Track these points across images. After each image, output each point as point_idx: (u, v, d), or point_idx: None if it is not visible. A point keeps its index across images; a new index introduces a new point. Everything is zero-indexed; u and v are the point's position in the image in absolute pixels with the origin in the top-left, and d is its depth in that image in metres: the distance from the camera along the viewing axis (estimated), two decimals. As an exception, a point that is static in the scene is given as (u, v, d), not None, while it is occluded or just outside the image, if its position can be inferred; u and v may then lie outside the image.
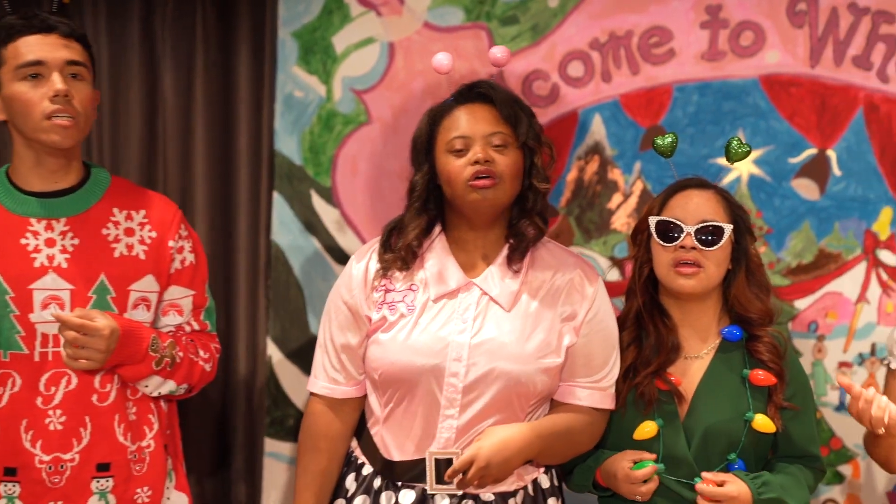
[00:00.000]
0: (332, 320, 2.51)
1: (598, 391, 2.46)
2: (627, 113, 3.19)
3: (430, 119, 2.48)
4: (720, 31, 3.12)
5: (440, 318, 2.41)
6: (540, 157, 2.46)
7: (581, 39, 3.20)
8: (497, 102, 2.44)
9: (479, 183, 2.37)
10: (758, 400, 2.46)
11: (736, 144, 2.56)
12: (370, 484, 2.42)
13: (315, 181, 3.30)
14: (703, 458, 2.44)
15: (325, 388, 2.51)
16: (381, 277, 2.47)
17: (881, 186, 3.06)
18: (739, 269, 2.52)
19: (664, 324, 2.51)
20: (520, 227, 2.45)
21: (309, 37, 3.27)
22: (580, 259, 2.56)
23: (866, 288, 3.09)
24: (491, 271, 2.44)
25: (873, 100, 3.05)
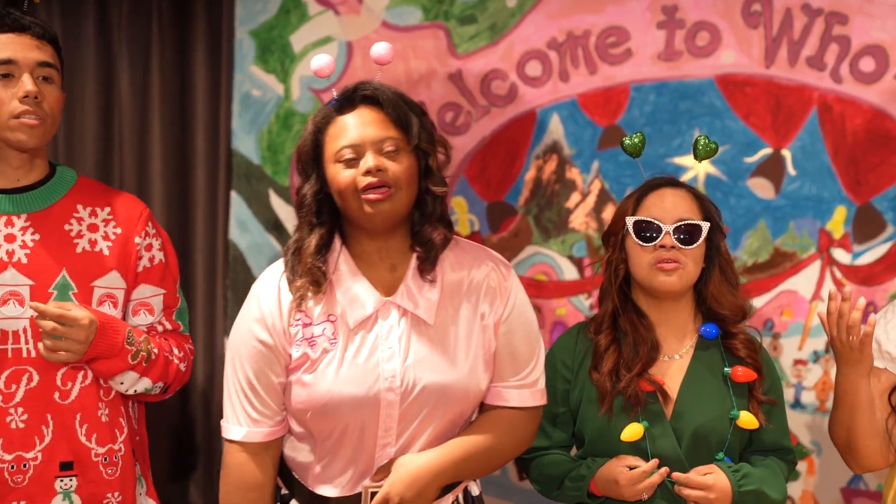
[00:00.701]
0: (246, 361, 2.30)
1: (526, 389, 2.37)
2: (585, 112, 3.20)
3: (314, 127, 2.28)
4: (676, 32, 3.14)
5: (365, 348, 2.26)
6: (435, 159, 2.29)
7: (539, 39, 3.20)
8: (384, 104, 2.24)
9: (372, 197, 2.20)
10: (739, 396, 2.48)
11: (703, 142, 2.56)
12: None
13: (273, 180, 3.29)
14: (694, 457, 2.44)
15: (248, 434, 2.30)
16: (296, 310, 2.28)
17: (835, 186, 3.09)
18: (713, 266, 2.52)
19: (642, 323, 2.51)
20: (424, 234, 2.30)
21: (266, 36, 3.26)
22: (490, 253, 2.42)
23: (821, 286, 3.12)
24: (406, 286, 2.29)
25: (827, 100, 3.08)
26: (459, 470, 2.29)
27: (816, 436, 3.09)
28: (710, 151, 2.55)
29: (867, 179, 3.07)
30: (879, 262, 3.09)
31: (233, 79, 3.27)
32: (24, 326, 2.35)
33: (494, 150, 3.23)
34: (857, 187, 3.08)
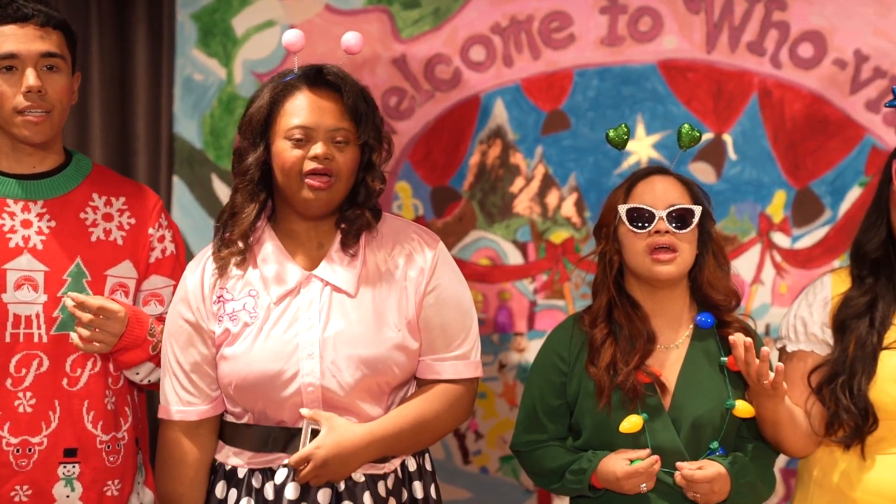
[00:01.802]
0: (174, 342, 2.34)
1: (460, 361, 2.37)
2: (529, 97, 3.22)
3: (271, 95, 2.29)
4: (619, 17, 3.16)
5: (285, 320, 2.28)
6: (379, 155, 2.32)
7: (483, 24, 3.21)
8: (345, 94, 2.27)
9: (315, 183, 2.24)
10: (735, 386, 2.49)
11: (687, 129, 2.57)
12: (250, 484, 2.35)
13: (216, 165, 3.27)
14: (694, 447, 2.46)
15: (180, 413, 2.33)
16: (218, 286, 2.32)
17: (775, 170, 3.13)
18: (707, 252, 2.52)
19: (637, 314, 2.50)
20: (350, 213, 2.33)
21: (208, 19, 3.23)
22: (417, 227, 2.44)
23: (761, 270, 3.16)
24: (329, 259, 2.32)
25: (767, 85, 3.12)
26: (390, 444, 2.29)
27: (756, 417, 3.13)
28: (696, 139, 2.55)
29: (806, 164, 3.11)
30: (818, 246, 3.14)
31: (174, 63, 3.24)
32: (37, 312, 2.35)
33: (438, 135, 3.23)
34: (796, 172, 3.12)
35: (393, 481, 2.33)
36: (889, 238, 2.47)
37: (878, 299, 2.45)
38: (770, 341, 3.15)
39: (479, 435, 3.23)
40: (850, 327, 2.45)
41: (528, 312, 3.23)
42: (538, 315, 3.22)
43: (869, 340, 2.41)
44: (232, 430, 2.37)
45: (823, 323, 2.50)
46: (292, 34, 2.37)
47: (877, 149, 3.09)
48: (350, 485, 2.28)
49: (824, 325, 2.50)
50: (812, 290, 2.57)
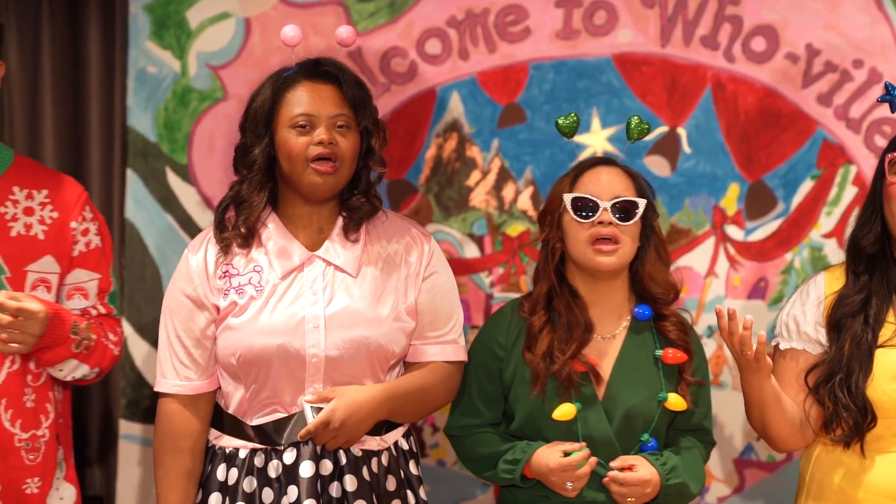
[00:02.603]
0: (174, 317, 2.47)
1: (448, 345, 2.52)
2: (485, 90, 3.22)
3: (273, 89, 2.46)
4: (574, 10, 3.17)
5: (290, 295, 2.42)
6: (378, 140, 2.49)
7: (438, 17, 3.21)
8: (343, 83, 2.45)
9: (322, 168, 2.39)
10: (669, 379, 2.51)
11: (636, 122, 2.59)
12: (251, 464, 2.41)
13: (170, 158, 3.25)
14: (625, 438, 2.47)
15: (177, 387, 2.46)
16: (222, 263, 2.45)
17: (728, 163, 3.15)
18: (649, 245, 2.55)
19: (576, 304, 2.53)
20: (353, 202, 2.49)
21: (162, 11, 3.20)
22: (412, 221, 2.63)
23: (715, 262, 3.18)
24: (331, 241, 2.47)
25: (720, 79, 3.14)
26: (397, 406, 2.43)
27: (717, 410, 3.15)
28: (644, 131, 2.58)
29: (759, 157, 3.14)
30: (771, 238, 3.16)
31: (127, 55, 3.21)
32: None
33: (395, 128, 3.22)
34: (749, 165, 3.15)
35: (388, 458, 2.42)
36: (884, 233, 2.50)
37: (871, 296, 2.47)
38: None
39: (435, 428, 3.23)
40: (846, 325, 2.46)
41: (485, 305, 3.24)
42: (495, 308, 3.22)
43: (864, 338, 2.43)
44: (237, 426, 2.44)
45: (817, 322, 2.52)
46: (289, 29, 2.52)
47: (828, 142, 3.12)
48: (351, 459, 2.39)
49: (817, 324, 2.52)
50: (806, 289, 2.59)
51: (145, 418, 3.21)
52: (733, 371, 3.13)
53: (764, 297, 3.15)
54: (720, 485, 3.18)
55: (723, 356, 3.16)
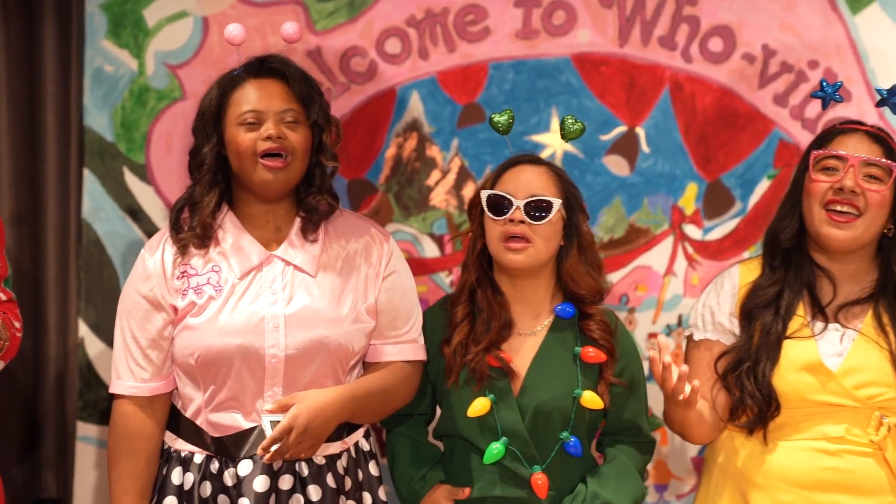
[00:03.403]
0: (130, 317, 2.46)
1: (407, 344, 2.52)
2: (444, 90, 3.22)
3: (220, 89, 2.46)
4: (533, 10, 3.18)
5: (250, 294, 2.41)
6: (329, 135, 2.48)
7: (398, 16, 3.20)
8: (290, 79, 2.45)
9: (272, 164, 2.39)
10: (588, 377, 2.52)
11: (570, 122, 2.61)
12: (207, 469, 2.39)
13: (128, 158, 3.22)
14: (539, 434, 2.49)
15: (133, 388, 2.45)
16: (179, 264, 2.44)
17: (686, 163, 3.17)
18: (572, 245, 2.57)
19: (497, 299, 2.55)
20: (309, 202, 2.48)
21: (118, 9, 3.18)
22: (371, 221, 2.62)
23: (673, 261, 3.20)
24: (289, 241, 2.46)
25: (678, 79, 3.16)
26: (359, 407, 2.42)
27: (669, 407, 3.17)
28: (578, 132, 2.60)
29: (716, 157, 3.16)
30: (728, 238, 3.19)
31: (83, 54, 3.18)
32: None
33: (354, 128, 3.22)
34: (707, 164, 3.17)
35: (347, 460, 2.41)
36: (801, 229, 2.53)
37: (784, 289, 2.50)
38: (683, 332, 3.20)
39: (396, 428, 3.23)
40: (757, 315, 2.50)
41: (445, 305, 3.24)
42: (455, 308, 3.24)
43: (774, 329, 2.47)
44: (192, 431, 2.42)
45: (731, 312, 2.55)
46: (233, 27, 2.51)
47: (784, 142, 3.15)
48: (314, 470, 2.37)
49: (731, 314, 2.55)
50: (720, 281, 2.62)
51: (102, 420, 3.18)
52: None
53: (721, 295, 3.17)
54: (679, 482, 3.20)
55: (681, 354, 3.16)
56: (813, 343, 2.45)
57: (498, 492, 2.48)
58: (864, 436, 2.42)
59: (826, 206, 2.45)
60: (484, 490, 2.49)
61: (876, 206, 2.44)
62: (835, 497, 2.41)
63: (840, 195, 2.44)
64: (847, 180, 2.43)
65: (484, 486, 2.49)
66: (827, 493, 2.41)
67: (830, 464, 2.42)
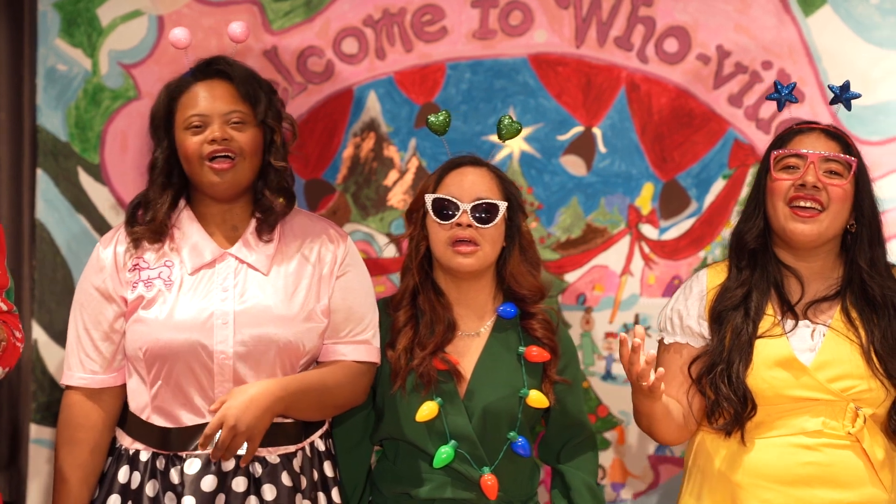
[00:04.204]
0: (83, 309, 2.47)
1: (361, 345, 2.50)
2: (402, 90, 3.22)
3: (167, 95, 2.47)
4: (490, 11, 3.18)
5: (201, 290, 2.41)
6: (280, 135, 2.48)
7: (355, 16, 3.20)
8: (235, 80, 2.45)
9: (217, 165, 2.39)
10: (532, 376, 2.53)
11: (507, 122, 2.62)
12: (154, 467, 2.38)
13: (82, 158, 3.20)
14: (487, 435, 2.49)
15: (82, 380, 2.46)
16: (132, 256, 2.45)
17: (643, 163, 3.19)
18: (513, 246, 2.57)
19: (440, 302, 2.55)
20: (265, 202, 2.47)
21: (72, 8, 3.15)
22: (328, 221, 2.61)
23: (630, 261, 3.22)
24: (244, 240, 2.46)
25: (634, 79, 3.18)
26: (295, 401, 2.39)
27: (626, 406, 3.17)
28: (515, 131, 2.61)
29: (672, 157, 3.18)
30: (684, 237, 3.21)
31: (36, 53, 3.15)
32: None
33: (312, 128, 3.21)
34: (663, 164, 3.19)
35: (302, 459, 2.40)
36: (766, 229, 2.56)
37: (752, 290, 2.52)
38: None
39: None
40: (727, 318, 2.52)
41: (403, 305, 3.23)
42: (412, 308, 3.24)
43: (745, 330, 2.49)
44: (138, 425, 2.41)
45: (699, 316, 2.57)
46: (179, 31, 2.50)
47: (739, 142, 3.17)
48: (268, 469, 2.36)
49: (700, 317, 2.56)
50: (689, 285, 2.64)
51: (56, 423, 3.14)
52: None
53: (678, 295, 3.19)
54: (636, 481, 3.22)
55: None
56: (785, 340, 2.48)
57: (448, 494, 2.47)
58: (841, 428, 2.44)
59: (790, 202, 2.49)
60: (435, 493, 2.48)
61: (838, 200, 2.48)
62: (815, 491, 2.43)
63: (802, 191, 2.47)
64: (808, 176, 2.47)
65: (433, 489, 2.49)
66: (808, 487, 2.43)
67: (810, 458, 2.44)
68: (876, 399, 2.46)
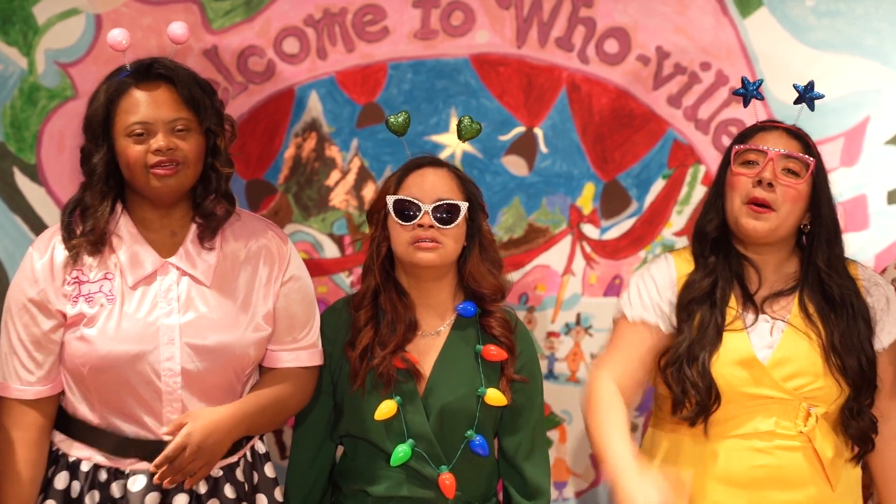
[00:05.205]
0: (17, 320, 2.39)
1: (303, 351, 2.50)
2: (343, 90, 3.21)
3: (106, 96, 2.39)
4: (432, 11, 3.18)
5: (144, 304, 2.37)
6: (223, 139, 2.44)
7: (296, 15, 3.18)
8: (178, 84, 2.38)
9: (161, 171, 2.34)
10: (490, 375, 2.54)
11: (467, 122, 2.63)
12: (94, 478, 2.34)
13: (18, 158, 3.14)
14: (445, 434, 2.50)
15: (18, 391, 2.40)
16: (71, 268, 2.38)
17: (584, 163, 3.21)
18: (474, 245, 2.58)
19: (402, 301, 2.55)
20: (206, 206, 2.44)
21: (6, 6, 3.10)
22: (270, 224, 2.58)
23: (571, 260, 3.24)
24: (185, 249, 2.42)
25: (575, 80, 3.19)
26: (254, 422, 2.41)
27: (568, 405, 3.21)
28: (475, 132, 2.62)
29: (613, 157, 3.21)
30: (625, 237, 3.23)
31: (-29, 51, 3.10)
32: None
33: (253, 128, 3.19)
34: (604, 165, 3.21)
35: (244, 465, 2.38)
36: (725, 223, 2.60)
37: (718, 279, 2.56)
38: (581, 330, 3.23)
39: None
40: (695, 309, 2.54)
41: (345, 306, 3.22)
42: (355, 308, 3.22)
43: (714, 320, 2.51)
44: (83, 429, 2.34)
45: (670, 301, 2.59)
46: (116, 32, 2.44)
47: (678, 143, 3.20)
48: (211, 483, 2.31)
49: (671, 302, 2.58)
50: (656, 268, 2.65)
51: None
52: (590, 367, 3.19)
53: (619, 294, 3.21)
54: (578, 479, 3.24)
55: (579, 353, 3.22)
56: (745, 336, 2.51)
57: (404, 492, 2.48)
58: (793, 427, 2.47)
59: (746, 198, 2.53)
60: (391, 491, 2.49)
61: (791, 199, 2.53)
62: (766, 493, 2.47)
63: (759, 187, 2.51)
64: (766, 172, 2.52)
65: (391, 487, 2.49)
66: (758, 489, 2.47)
67: (762, 461, 2.47)
68: (828, 397, 2.50)
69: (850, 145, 3.20)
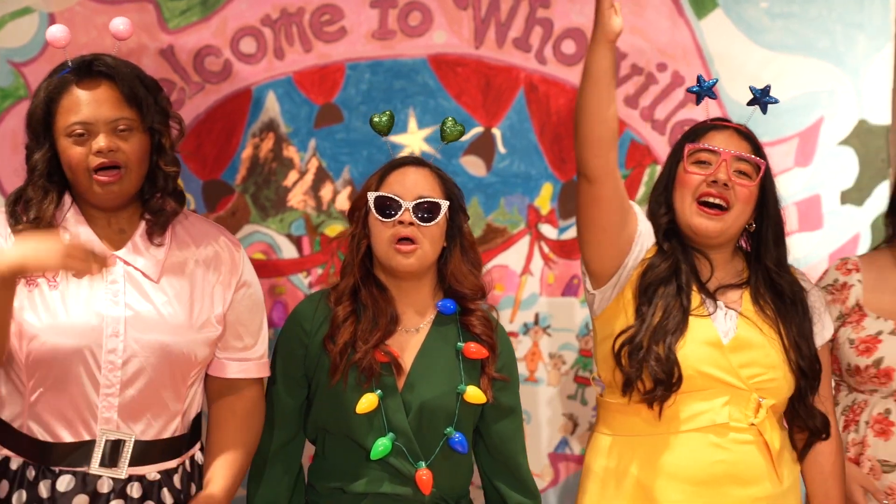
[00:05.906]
0: None
1: (252, 362, 2.47)
2: (301, 90, 3.20)
3: (46, 95, 2.30)
4: (389, 11, 3.18)
5: (89, 296, 2.29)
6: (168, 137, 2.36)
7: (253, 15, 3.17)
8: (119, 82, 2.29)
9: (104, 178, 2.26)
10: (471, 372, 2.54)
11: (451, 124, 2.62)
12: (22, 476, 2.29)
13: (-29, 159, 3.11)
14: (423, 430, 2.49)
15: None
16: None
17: (542, 163, 3.22)
18: (455, 245, 2.58)
19: (382, 296, 2.54)
20: (154, 204, 2.38)
21: (-42, 5, 3.07)
22: (221, 228, 2.54)
23: (530, 260, 3.25)
24: (133, 243, 2.35)
25: (532, 80, 3.21)
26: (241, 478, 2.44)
27: (526, 404, 3.18)
28: (458, 133, 2.62)
29: (571, 157, 3.20)
30: (583, 237, 3.24)
31: (-78, 50, 3.06)
32: None
33: (210, 128, 3.18)
34: (562, 165, 3.22)
35: (182, 474, 2.34)
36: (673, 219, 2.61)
37: (680, 262, 2.57)
38: (539, 330, 3.24)
39: (254, 432, 3.19)
40: (656, 292, 2.54)
41: (303, 307, 3.21)
42: (313, 309, 3.22)
43: (680, 303, 2.52)
44: (10, 434, 2.28)
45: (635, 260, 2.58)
46: (56, 29, 2.34)
47: (635, 143, 3.22)
48: (146, 485, 2.27)
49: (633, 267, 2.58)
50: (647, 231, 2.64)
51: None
52: (548, 367, 3.21)
53: (577, 294, 3.23)
54: (536, 479, 3.23)
55: (538, 353, 3.23)
56: (710, 322, 2.52)
57: (384, 489, 2.47)
58: (745, 419, 2.49)
59: (699, 198, 2.54)
60: (369, 486, 2.48)
61: (743, 200, 2.55)
62: (723, 489, 2.48)
63: (713, 188, 2.53)
64: (720, 173, 2.53)
65: (369, 483, 2.48)
66: (716, 486, 2.48)
67: (719, 457, 2.48)
68: (779, 389, 2.53)
69: (805, 146, 3.24)
